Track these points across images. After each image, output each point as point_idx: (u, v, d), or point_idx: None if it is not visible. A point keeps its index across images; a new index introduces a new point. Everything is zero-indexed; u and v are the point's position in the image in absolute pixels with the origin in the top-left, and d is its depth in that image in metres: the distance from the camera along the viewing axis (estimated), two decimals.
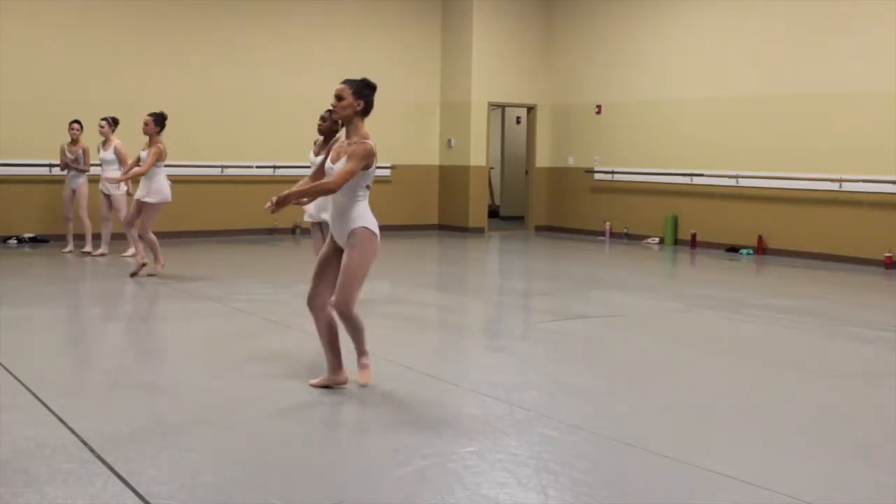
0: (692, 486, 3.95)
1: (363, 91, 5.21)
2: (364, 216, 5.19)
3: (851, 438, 4.73)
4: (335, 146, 5.30)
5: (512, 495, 3.79)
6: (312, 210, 7.85)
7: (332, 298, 5.22)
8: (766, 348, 7.03)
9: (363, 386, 5.41)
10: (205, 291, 9.02)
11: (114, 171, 11.53)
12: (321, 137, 8.04)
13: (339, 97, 5.18)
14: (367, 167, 5.14)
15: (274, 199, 5.23)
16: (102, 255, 11.74)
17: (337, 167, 5.11)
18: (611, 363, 6.46)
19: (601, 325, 7.90)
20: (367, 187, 5.26)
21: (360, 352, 5.46)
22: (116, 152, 11.68)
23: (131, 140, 12.46)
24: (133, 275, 9.83)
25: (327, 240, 5.38)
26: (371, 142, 5.14)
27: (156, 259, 9.89)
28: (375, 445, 4.42)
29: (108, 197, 11.78)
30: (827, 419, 5.12)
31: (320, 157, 7.70)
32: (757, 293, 9.81)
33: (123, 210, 11.47)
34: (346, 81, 5.25)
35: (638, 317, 8.37)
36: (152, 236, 9.78)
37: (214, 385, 5.55)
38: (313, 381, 5.48)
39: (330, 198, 5.30)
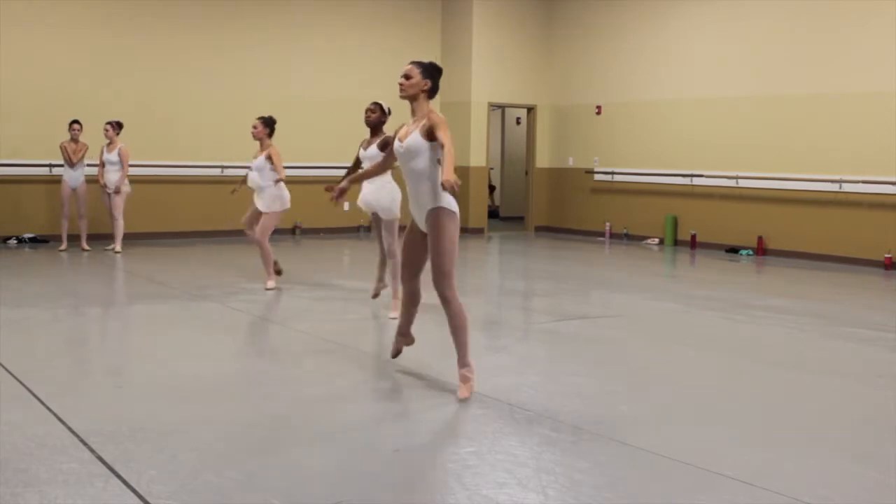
0: (692, 486, 3.95)
1: (431, 71, 5.28)
2: (440, 196, 5.10)
3: (851, 438, 4.73)
4: (403, 127, 5.29)
5: (512, 495, 3.79)
6: (370, 198, 7.85)
7: (435, 288, 5.14)
8: (766, 349, 7.02)
9: (462, 401, 5.07)
10: (204, 292, 9.02)
11: (115, 173, 12.07)
12: (365, 138, 7.91)
13: (406, 76, 5.24)
14: (433, 139, 5.08)
15: (336, 188, 5.53)
16: (117, 252, 12.11)
17: (409, 142, 5.11)
18: (611, 363, 6.46)
19: (601, 326, 7.90)
20: (438, 161, 5.13)
21: (463, 362, 5.23)
22: (120, 155, 12.07)
23: (129, 141, 12.52)
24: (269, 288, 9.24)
25: (409, 224, 5.35)
26: (438, 117, 5.13)
27: (267, 271, 9.34)
28: (375, 445, 4.42)
29: (109, 196, 12.17)
30: (827, 419, 5.11)
31: (372, 150, 7.95)
32: (757, 294, 9.81)
33: (117, 207, 12.06)
34: (414, 62, 5.35)
35: (638, 317, 8.36)
36: (268, 245, 9.32)
37: (214, 385, 5.55)
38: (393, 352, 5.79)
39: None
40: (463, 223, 15.97)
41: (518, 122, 19.31)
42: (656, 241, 14.57)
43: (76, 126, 12.20)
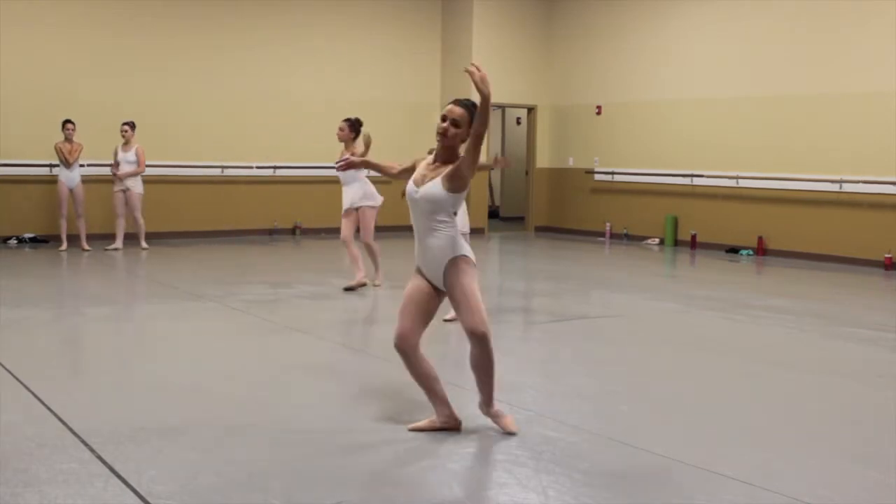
0: (692, 486, 3.95)
1: (474, 114, 4.45)
2: (456, 243, 4.54)
3: (851, 438, 4.73)
4: (421, 163, 4.67)
5: (512, 495, 3.79)
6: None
7: (467, 326, 4.50)
8: (766, 349, 7.02)
9: (514, 434, 4.61)
10: (204, 292, 9.02)
11: (131, 169, 12.42)
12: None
13: (455, 123, 4.48)
14: (457, 188, 4.49)
15: (350, 158, 5.20)
16: (116, 249, 12.26)
17: (426, 191, 4.48)
18: (610, 364, 6.46)
19: (601, 326, 7.90)
20: (455, 213, 4.58)
21: (489, 401, 4.68)
22: (137, 154, 12.41)
23: (116, 140, 12.53)
24: (349, 289, 9.28)
25: (414, 274, 4.72)
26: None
27: (366, 269, 9.46)
28: (375, 445, 4.42)
29: (125, 193, 12.37)
30: (827, 419, 5.11)
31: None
32: (757, 294, 9.81)
33: (139, 207, 12.42)
34: (461, 104, 4.53)
35: (638, 317, 8.36)
36: (356, 249, 9.36)
37: (214, 385, 5.55)
38: (413, 426, 4.68)
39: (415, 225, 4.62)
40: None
41: (518, 122, 19.31)
42: (656, 241, 14.57)
43: (70, 126, 12.21)
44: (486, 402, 4.68)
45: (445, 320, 7.04)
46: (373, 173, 10.25)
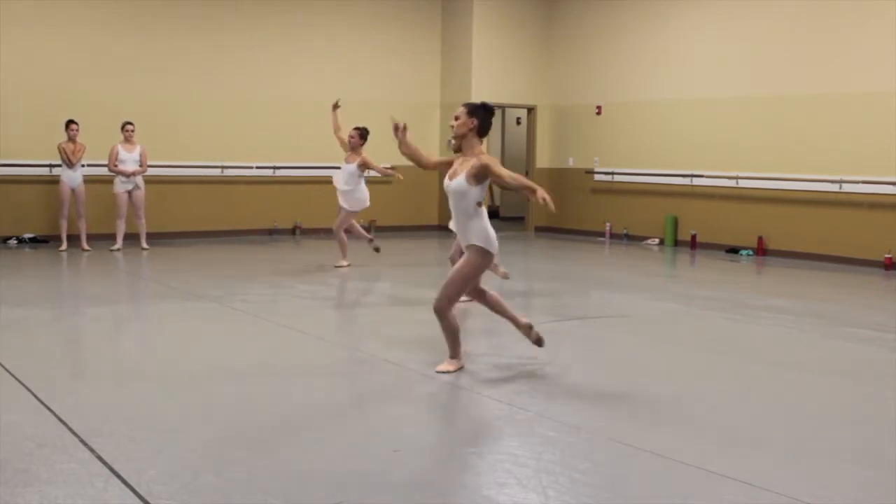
0: (692, 486, 3.95)
1: (477, 111, 5.61)
2: (479, 233, 5.58)
3: (851, 438, 4.73)
4: (455, 162, 5.71)
5: (512, 495, 3.79)
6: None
7: (437, 298, 5.64)
8: (766, 349, 7.02)
9: (438, 373, 5.74)
10: (204, 291, 9.02)
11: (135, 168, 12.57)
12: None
13: (456, 117, 5.64)
14: (479, 182, 5.51)
15: (403, 127, 5.81)
16: (118, 249, 12.27)
17: (455, 185, 5.56)
18: (610, 364, 6.46)
19: (601, 326, 7.90)
20: (479, 203, 5.58)
21: (452, 354, 5.81)
22: (143, 154, 12.52)
23: (116, 140, 12.52)
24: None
25: (457, 241, 5.96)
26: (488, 156, 5.57)
27: (343, 256, 10.92)
28: (375, 445, 4.42)
29: (131, 193, 12.43)
30: (827, 419, 5.12)
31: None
32: (757, 294, 9.81)
33: (143, 206, 12.54)
34: (464, 104, 5.72)
35: (638, 317, 8.36)
36: (343, 236, 10.86)
37: (214, 385, 5.55)
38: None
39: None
40: None
41: (518, 123, 19.30)
42: (656, 241, 14.56)
43: (74, 126, 12.21)
44: (452, 356, 5.80)
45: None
46: (370, 175, 10.71)
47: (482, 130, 5.64)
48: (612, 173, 15.35)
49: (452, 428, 4.78)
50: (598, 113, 15.61)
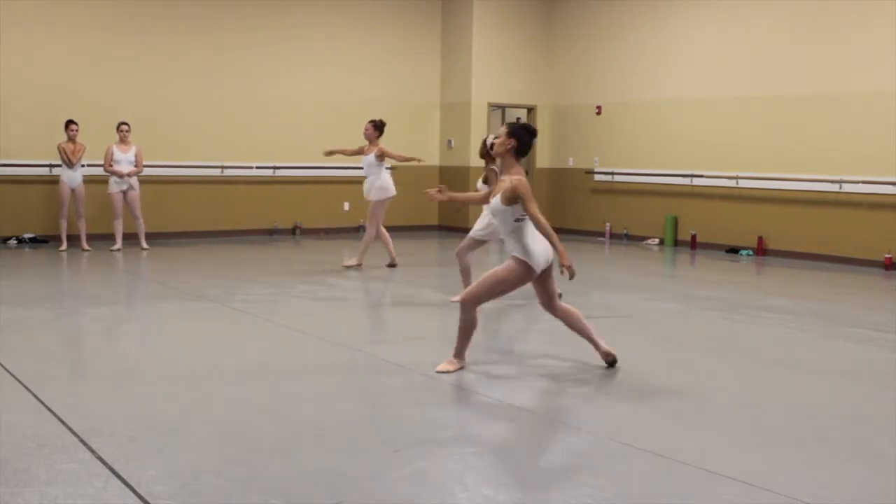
0: (692, 486, 3.95)
1: (517, 131, 5.81)
2: (519, 250, 5.67)
3: (851, 438, 4.73)
4: (499, 181, 5.90)
5: (512, 495, 3.79)
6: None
7: (466, 292, 5.79)
8: (766, 349, 7.03)
9: (437, 373, 5.76)
10: (204, 292, 9.02)
11: (130, 168, 12.47)
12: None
13: (496, 136, 5.91)
14: (512, 203, 5.64)
15: (443, 190, 6.24)
16: (118, 249, 12.28)
17: (494, 205, 5.80)
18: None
19: (601, 326, 7.85)
20: (517, 220, 5.67)
21: (456, 353, 5.85)
22: (138, 154, 12.50)
23: (110, 140, 12.51)
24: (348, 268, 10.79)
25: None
26: (518, 178, 5.67)
27: (389, 254, 10.92)
28: (375, 445, 4.42)
29: (126, 193, 12.39)
30: (827, 419, 5.12)
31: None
32: (757, 294, 9.81)
33: (138, 206, 12.50)
34: (507, 123, 5.95)
35: (638, 317, 8.36)
36: (384, 230, 10.84)
37: (214, 385, 5.55)
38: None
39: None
40: (463, 223, 15.97)
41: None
42: (656, 241, 14.56)
43: (74, 126, 12.22)
44: (455, 354, 5.82)
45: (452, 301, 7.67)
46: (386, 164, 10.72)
47: (521, 151, 5.80)
48: (612, 173, 15.35)
49: (452, 428, 4.78)
50: (598, 113, 15.62)
